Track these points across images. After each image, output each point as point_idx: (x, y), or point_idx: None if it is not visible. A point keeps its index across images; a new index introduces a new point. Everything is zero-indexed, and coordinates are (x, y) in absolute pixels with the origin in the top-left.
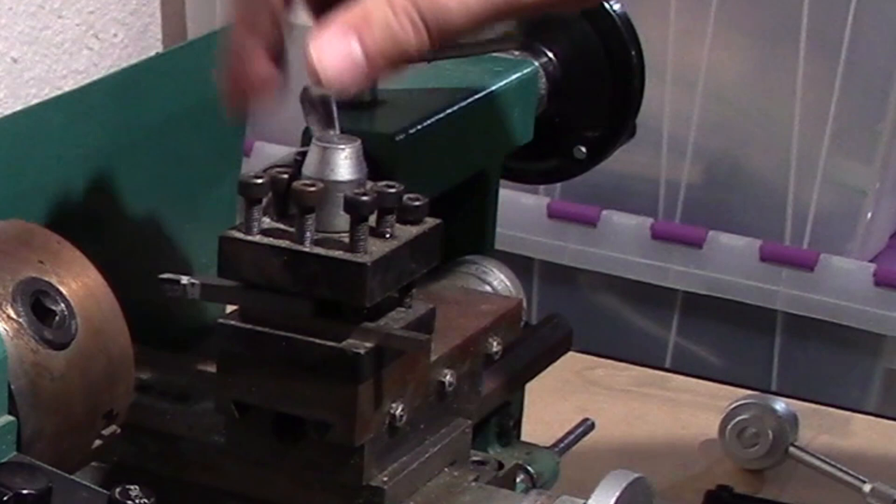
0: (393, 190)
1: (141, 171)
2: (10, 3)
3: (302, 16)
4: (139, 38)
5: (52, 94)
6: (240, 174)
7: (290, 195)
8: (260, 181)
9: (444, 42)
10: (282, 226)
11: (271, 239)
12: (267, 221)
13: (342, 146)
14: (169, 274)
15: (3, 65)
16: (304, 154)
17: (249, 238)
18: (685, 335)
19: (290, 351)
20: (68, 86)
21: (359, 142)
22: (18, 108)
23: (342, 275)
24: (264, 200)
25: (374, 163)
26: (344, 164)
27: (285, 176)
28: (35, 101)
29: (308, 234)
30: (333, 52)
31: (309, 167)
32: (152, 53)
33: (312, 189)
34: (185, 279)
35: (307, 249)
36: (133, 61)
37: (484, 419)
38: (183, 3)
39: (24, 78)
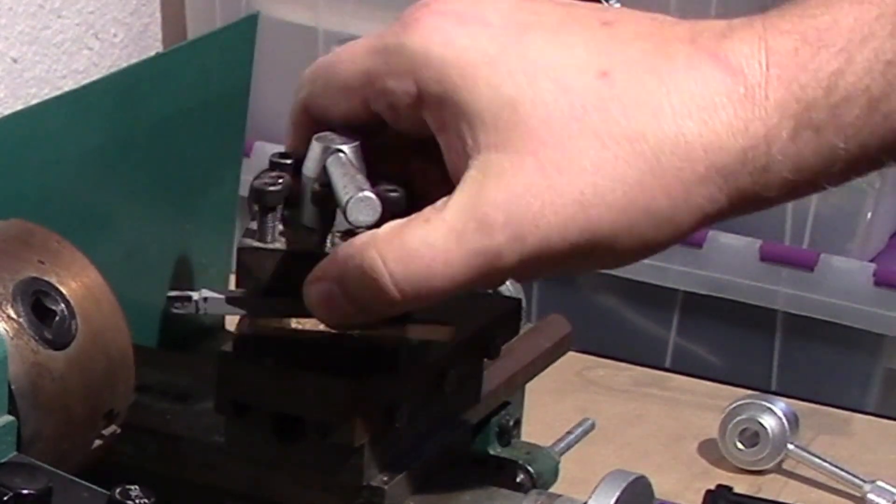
0: (396, 194)
1: (141, 171)
2: (10, 3)
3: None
4: (139, 38)
5: (52, 94)
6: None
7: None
8: (276, 188)
9: (427, 303)
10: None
11: (287, 245)
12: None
13: (342, 146)
14: (176, 291)
15: (3, 65)
16: (282, 154)
17: (269, 247)
18: (685, 335)
19: (289, 351)
20: (68, 86)
21: (358, 143)
22: (18, 108)
23: None
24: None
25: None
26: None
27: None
28: (35, 101)
29: (328, 238)
30: (321, 304)
31: (308, 167)
32: (152, 53)
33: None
34: (195, 295)
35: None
36: (133, 61)
37: (484, 419)
38: (183, 3)
39: (24, 78)
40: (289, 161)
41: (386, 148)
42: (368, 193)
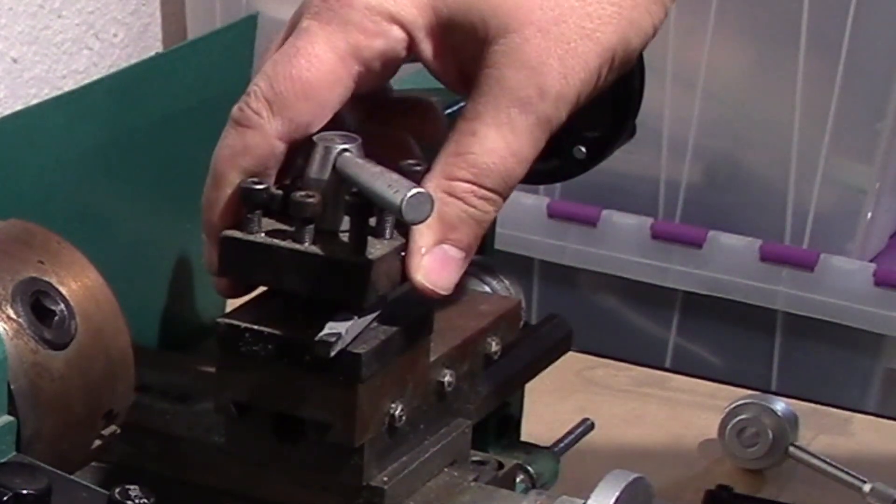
0: (420, 167)
1: (141, 171)
2: (10, 3)
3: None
4: (139, 38)
5: (52, 94)
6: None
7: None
8: (311, 200)
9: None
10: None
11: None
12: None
13: (345, 145)
14: (323, 334)
15: (3, 65)
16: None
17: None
18: (685, 335)
19: (289, 351)
20: (68, 86)
21: (360, 141)
22: (18, 108)
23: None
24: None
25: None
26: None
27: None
28: (35, 101)
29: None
30: (437, 269)
31: (314, 169)
32: (152, 53)
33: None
34: (342, 331)
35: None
36: (133, 61)
37: (484, 419)
38: (183, 3)
39: (24, 78)
40: (263, 186)
41: None
42: (419, 189)
